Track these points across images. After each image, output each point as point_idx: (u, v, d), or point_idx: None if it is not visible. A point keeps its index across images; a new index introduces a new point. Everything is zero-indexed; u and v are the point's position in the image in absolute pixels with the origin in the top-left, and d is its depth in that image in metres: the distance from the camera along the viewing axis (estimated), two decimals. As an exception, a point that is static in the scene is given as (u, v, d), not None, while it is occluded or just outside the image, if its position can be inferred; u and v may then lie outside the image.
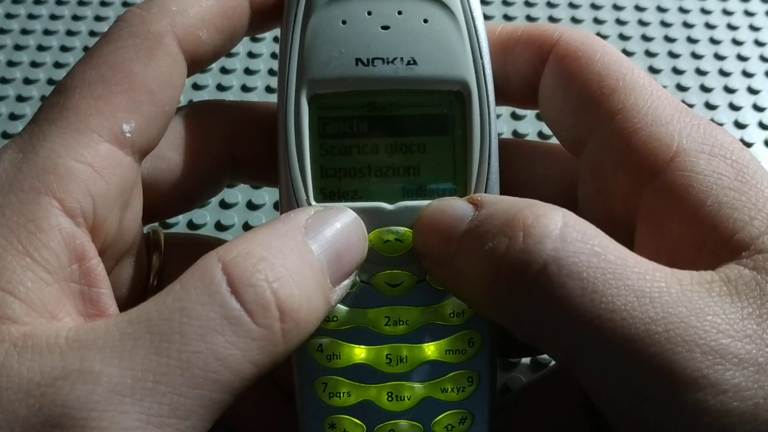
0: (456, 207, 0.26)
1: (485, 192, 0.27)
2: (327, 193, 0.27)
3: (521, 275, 0.23)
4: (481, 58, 0.27)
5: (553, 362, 0.37)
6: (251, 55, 0.52)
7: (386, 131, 0.28)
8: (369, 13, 0.27)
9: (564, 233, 0.23)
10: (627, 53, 0.50)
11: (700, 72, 0.52)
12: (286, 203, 0.27)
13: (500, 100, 0.29)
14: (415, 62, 0.27)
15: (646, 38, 0.54)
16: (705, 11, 0.56)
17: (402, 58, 0.27)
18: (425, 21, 0.27)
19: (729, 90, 0.51)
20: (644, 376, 0.22)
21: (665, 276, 0.23)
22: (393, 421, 0.27)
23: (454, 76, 0.27)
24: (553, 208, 0.24)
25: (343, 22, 0.27)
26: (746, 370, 0.21)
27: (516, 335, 0.25)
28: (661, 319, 0.22)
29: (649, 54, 0.53)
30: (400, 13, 0.27)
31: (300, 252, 0.24)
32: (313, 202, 0.27)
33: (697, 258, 0.24)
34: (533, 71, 0.29)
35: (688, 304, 0.22)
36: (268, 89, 0.50)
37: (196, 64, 0.28)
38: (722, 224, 0.24)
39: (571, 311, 0.22)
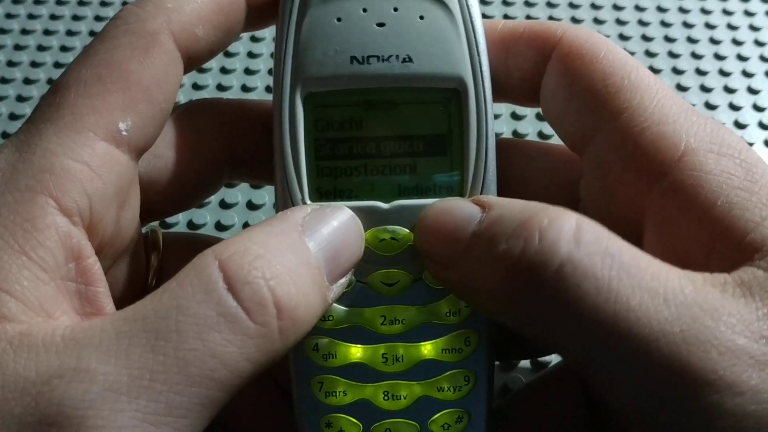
0: (462, 208, 0.25)
1: (482, 191, 0.27)
2: (322, 192, 0.27)
3: (537, 276, 0.22)
4: (478, 55, 0.27)
5: (553, 363, 0.37)
6: (251, 55, 0.52)
7: (382, 129, 0.28)
8: (364, 11, 0.27)
9: (578, 235, 0.22)
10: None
11: (700, 72, 0.52)
12: (282, 202, 0.27)
13: (501, 97, 0.29)
14: (410, 60, 0.27)
15: (646, 38, 0.54)
16: (705, 11, 0.56)
17: (397, 56, 0.27)
18: (421, 18, 0.27)
19: (729, 90, 0.51)
20: (660, 377, 0.22)
21: (679, 276, 0.22)
22: (389, 420, 0.27)
23: (451, 73, 0.27)
24: (567, 212, 0.23)
25: (338, 20, 0.27)
26: (763, 372, 0.21)
27: (526, 336, 0.25)
28: (675, 319, 0.21)
29: (649, 54, 0.53)
30: (395, 10, 0.27)
31: (297, 250, 0.24)
32: (309, 201, 0.27)
33: (709, 259, 0.24)
34: (535, 69, 0.28)
35: (703, 303, 0.22)
36: (268, 89, 0.50)
37: (193, 61, 0.27)
38: (733, 225, 0.23)
39: (586, 311, 0.22)
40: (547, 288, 0.22)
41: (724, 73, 0.52)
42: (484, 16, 0.28)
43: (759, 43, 0.54)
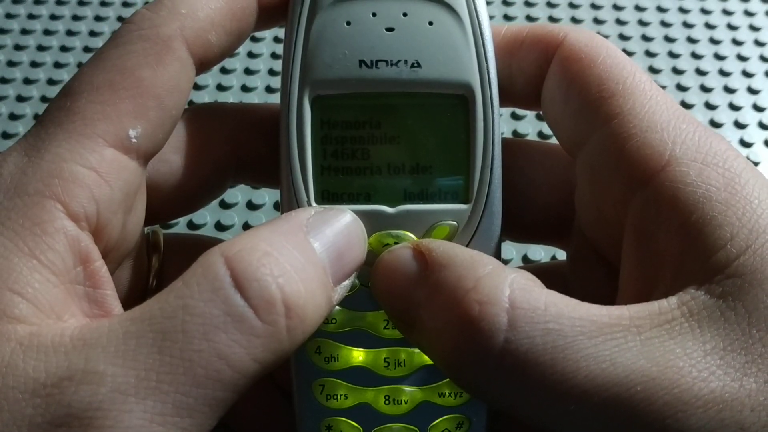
0: (404, 263, 0.25)
1: (487, 197, 0.27)
2: (328, 196, 0.27)
3: (480, 363, 0.22)
4: (486, 62, 0.27)
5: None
6: (251, 55, 0.52)
7: (388, 134, 0.27)
8: (374, 15, 0.27)
9: (513, 319, 0.22)
10: (627, 53, 0.49)
11: (700, 72, 0.52)
12: (287, 205, 0.27)
13: (506, 101, 0.29)
14: (419, 65, 0.27)
15: (646, 38, 0.54)
16: (705, 11, 0.56)
17: (406, 61, 0.27)
18: (430, 23, 0.27)
19: (729, 90, 0.51)
20: None
21: (623, 330, 0.22)
22: (390, 425, 0.27)
23: (459, 79, 0.27)
24: (500, 284, 0.23)
25: (348, 24, 0.27)
26: (710, 411, 0.21)
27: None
28: (623, 380, 0.21)
29: (649, 54, 0.53)
30: (405, 15, 0.27)
31: (303, 249, 0.24)
32: (314, 204, 0.27)
33: (677, 274, 0.24)
34: (538, 72, 0.28)
35: (648, 355, 0.22)
36: (269, 89, 0.50)
37: (204, 66, 0.27)
38: (703, 242, 0.23)
39: (536, 393, 0.22)
40: (493, 374, 0.22)
41: (724, 73, 0.52)
42: (487, 18, 0.28)
43: (759, 43, 0.54)
